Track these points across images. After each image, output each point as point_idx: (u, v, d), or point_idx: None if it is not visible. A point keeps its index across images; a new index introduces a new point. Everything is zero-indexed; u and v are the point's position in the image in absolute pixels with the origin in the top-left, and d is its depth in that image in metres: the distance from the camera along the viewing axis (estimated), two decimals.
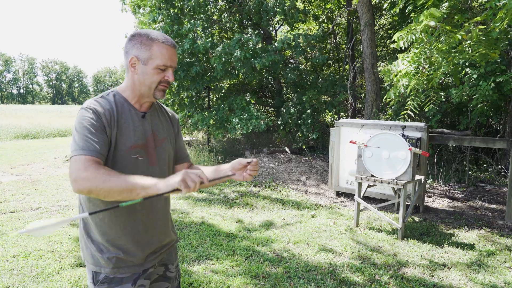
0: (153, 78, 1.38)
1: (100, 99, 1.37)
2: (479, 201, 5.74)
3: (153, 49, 1.36)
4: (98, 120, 1.30)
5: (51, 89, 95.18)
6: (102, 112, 1.32)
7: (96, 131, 1.28)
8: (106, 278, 1.38)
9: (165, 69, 1.39)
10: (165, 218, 1.54)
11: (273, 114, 11.30)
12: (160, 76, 1.38)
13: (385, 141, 4.27)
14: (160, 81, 1.39)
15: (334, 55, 12.06)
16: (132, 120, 1.40)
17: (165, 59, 1.37)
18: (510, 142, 4.84)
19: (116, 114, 1.36)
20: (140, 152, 1.39)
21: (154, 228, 1.47)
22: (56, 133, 16.49)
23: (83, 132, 1.27)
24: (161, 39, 1.37)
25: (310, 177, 7.00)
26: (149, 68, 1.37)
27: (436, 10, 3.10)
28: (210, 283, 3.11)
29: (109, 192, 1.18)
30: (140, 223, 1.42)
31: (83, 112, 1.31)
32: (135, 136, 1.39)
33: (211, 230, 4.37)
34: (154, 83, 1.38)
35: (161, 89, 1.41)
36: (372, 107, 7.58)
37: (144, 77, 1.38)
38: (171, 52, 1.38)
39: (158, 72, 1.37)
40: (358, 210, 4.51)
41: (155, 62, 1.36)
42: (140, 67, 1.38)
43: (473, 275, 3.32)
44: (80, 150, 1.24)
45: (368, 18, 7.48)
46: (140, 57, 1.37)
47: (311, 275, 3.28)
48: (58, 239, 3.99)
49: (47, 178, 7.15)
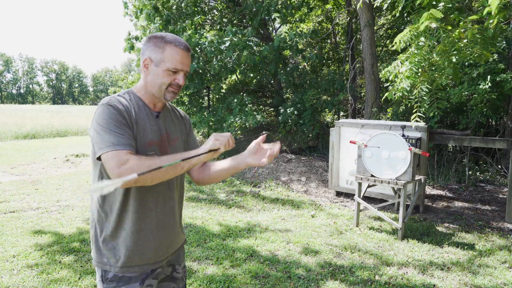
0: (163, 80, 1.39)
1: (118, 97, 1.39)
2: (479, 201, 5.74)
3: (166, 51, 1.38)
4: (121, 115, 1.33)
5: (51, 89, 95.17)
6: (123, 109, 1.34)
7: (121, 126, 1.30)
8: (114, 277, 1.39)
9: (176, 72, 1.40)
10: (177, 218, 1.55)
11: (272, 114, 11.31)
12: (171, 78, 1.40)
13: (385, 141, 4.27)
14: (170, 84, 1.40)
15: (334, 55, 12.07)
16: (148, 119, 1.42)
17: (176, 62, 1.38)
18: (510, 142, 4.84)
19: (134, 112, 1.39)
20: (155, 150, 1.40)
21: (166, 227, 1.48)
22: (56, 133, 16.49)
23: (110, 127, 1.28)
24: (174, 42, 1.39)
25: (310, 177, 7.00)
26: (160, 70, 1.38)
27: (436, 11, 3.10)
28: (210, 283, 3.11)
29: (155, 175, 1.24)
30: (154, 222, 1.43)
31: (106, 109, 1.32)
32: (151, 133, 1.41)
33: (211, 230, 4.37)
34: (164, 84, 1.40)
35: (171, 91, 1.42)
36: (372, 107, 7.58)
37: (155, 78, 1.40)
38: (183, 55, 1.39)
39: (168, 74, 1.39)
40: (358, 210, 4.52)
41: (166, 65, 1.38)
42: (152, 69, 1.40)
43: (473, 275, 3.32)
44: (114, 146, 1.25)
45: (368, 18, 7.48)
46: (153, 59, 1.39)
47: (311, 275, 3.28)
48: (58, 239, 3.99)
49: (47, 178, 7.15)
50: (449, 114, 8.01)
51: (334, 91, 9.15)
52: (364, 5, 7.41)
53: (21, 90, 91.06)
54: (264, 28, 9.71)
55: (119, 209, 1.39)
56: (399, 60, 3.83)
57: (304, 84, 9.72)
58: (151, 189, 1.40)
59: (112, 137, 1.26)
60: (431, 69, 3.67)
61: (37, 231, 4.24)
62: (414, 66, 3.53)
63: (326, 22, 11.90)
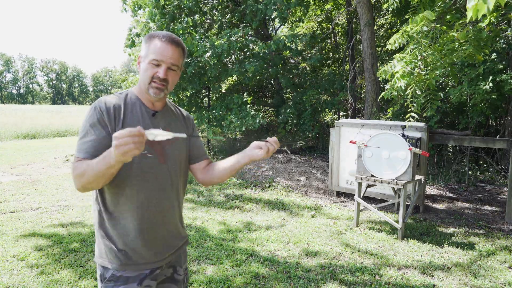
0: (146, 73, 1.38)
1: (110, 96, 1.42)
2: (479, 201, 5.74)
3: (151, 44, 1.38)
4: (101, 116, 1.34)
5: (51, 89, 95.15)
6: (105, 109, 1.35)
7: (94, 129, 1.33)
8: (112, 276, 1.40)
9: (158, 65, 1.37)
10: (174, 218, 1.53)
11: (272, 114, 11.31)
12: (153, 71, 1.37)
13: (385, 141, 4.27)
14: (152, 77, 1.38)
15: (334, 55, 12.07)
16: (142, 118, 1.42)
17: (157, 53, 1.36)
18: (510, 142, 4.84)
19: (124, 111, 1.39)
20: (148, 149, 1.40)
21: (162, 227, 1.47)
22: (56, 133, 16.49)
23: (81, 133, 1.35)
24: (159, 35, 1.38)
25: (310, 177, 7.00)
26: (145, 63, 1.39)
27: (429, 12, 3.11)
28: (210, 283, 3.11)
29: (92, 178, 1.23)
30: (146, 221, 1.43)
31: (89, 111, 1.37)
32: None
33: (211, 230, 4.37)
34: (147, 78, 1.38)
35: (154, 87, 1.38)
36: (372, 107, 7.58)
37: (142, 73, 1.41)
38: (166, 47, 1.37)
39: (152, 66, 1.37)
40: (358, 210, 4.51)
41: (149, 57, 1.37)
42: (141, 65, 1.41)
43: (473, 275, 3.32)
44: (76, 153, 1.33)
45: (368, 18, 7.48)
46: (142, 55, 1.41)
47: (311, 275, 3.28)
48: (58, 239, 3.99)
49: (47, 178, 7.15)
50: (449, 114, 8.01)
51: (334, 91, 9.15)
52: (364, 5, 7.42)
53: (21, 90, 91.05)
54: (264, 28, 9.71)
55: (116, 208, 1.40)
56: (396, 59, 3.84)
57: (304, 84, 9.72)
58: (145, 189, 1.40)
59: (78, 145, 1.33)
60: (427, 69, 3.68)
61: (37, 231, 4.24)
62: (409, 65, 3.54)
63: (326, 22, 11.89)
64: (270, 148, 1.43)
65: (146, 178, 1.40)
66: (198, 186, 6.58)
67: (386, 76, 3.97)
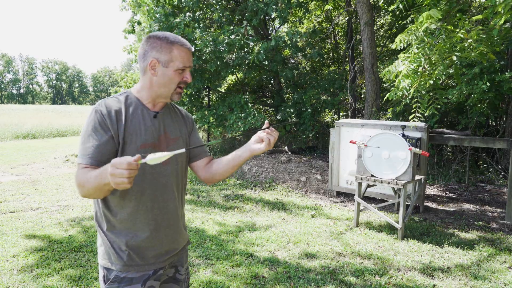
0: (174, 79, 1.43)
1: (110, 99, 1.42)
2: (479, 201, 5.74)
3: (173, 52, 1.40)
4: (103, 120, 1.35)
5: (51, 89, 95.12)
6: (106, 113, 1.36)
7: (96, 133, 1.34)
8: (116, 278, 1.40)
9: (184, 70, 1.44)
10: (178, 219, 1.54)
11: (272, 114, 11.31)
12: (180, 77, 1.44)
13: (385, 141, 4.27)
14: (179, 82, 1.44)
15: (334, 55, 12.07)
16: (143, 120, 1.43)
17: (185, 61, 1.43)
18: (510, 142, 4.84)
19: (125, 114, 1.40)
20: (151, 151, 1.40)
21: (166, 228, 1.48)
22: (56, 133, 16.50)
23: (83, 138, 1.36)
24: (179, 42, 1.42)
25: (310, 177, 7.00)
26: (170, 70, 1.41)
27: (435, 11, 3.10)
28: (210, 283, 3.11)
29: (92, 191, 1.26)
30: (152, 222, 1.43)
31: (90, 115, 1.38)
32: (145, 135, 1.42)
33: (211, 230, 4.37)
34: (174, 84, 1.43)
35: (178, 92, 1.46)
36: (372, 107, 7.58)
37: (165, 79, 1.42)
38: (188, 53, 1.44)
39: (179, 73, 1.43)
40: (358, 210, 4.51)
41: (176, 64, 1.41)
42: (160, 69, 1.41)
43: (473, 275, 3.32)
44: (79, 159, 1.35)
45: (368, 18, 7.48)
46: (160, 60, 1.40)
47: (311, 275, 3.28)
48: (58, 239, 3.99)
49: (47, 178, 7.15)
50: (448, 114, 8.01)
51: (334, 91, 9.15)
52: (364, 5, 7.42)
53: (21, 90, 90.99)
54: (264, 28, 9.71)
55: (119, 210, 1.40)
56: (400, 59, 3.83)
57: (304, 84, 9.72)
58: (149, 190, 1.41)
59: (81, 150, 1.35)
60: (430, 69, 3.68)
61: (37, 231, 4.24)
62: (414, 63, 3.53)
63: (326, 22, 11.89)
64: (271, 139, 1.43)
65: (150, 179, 1.41)
66: (198, 186, 6.59)
67: (390, 76, 3.96)
